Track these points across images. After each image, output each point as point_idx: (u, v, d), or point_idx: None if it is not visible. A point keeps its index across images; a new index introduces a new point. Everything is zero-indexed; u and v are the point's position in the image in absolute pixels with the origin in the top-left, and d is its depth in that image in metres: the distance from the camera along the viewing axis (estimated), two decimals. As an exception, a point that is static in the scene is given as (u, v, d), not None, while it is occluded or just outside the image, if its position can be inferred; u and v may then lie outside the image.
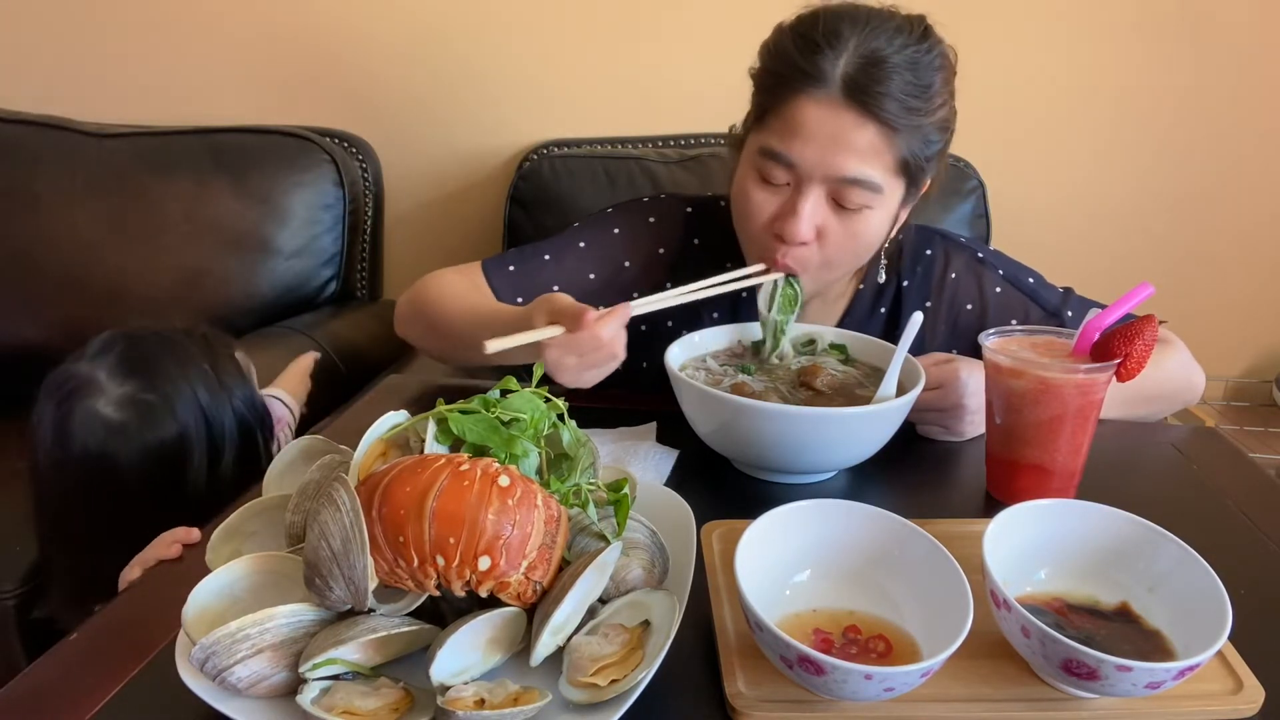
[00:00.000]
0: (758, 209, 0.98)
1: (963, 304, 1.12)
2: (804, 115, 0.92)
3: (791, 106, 0.93)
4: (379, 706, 0.54)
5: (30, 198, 1.67)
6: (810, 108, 0.92)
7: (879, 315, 1.13)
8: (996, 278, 1.12)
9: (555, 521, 0.59)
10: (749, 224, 1.00)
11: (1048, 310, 1.10)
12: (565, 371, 0.86)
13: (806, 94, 0.92)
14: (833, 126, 0.91)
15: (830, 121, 0.91)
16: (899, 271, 1.12)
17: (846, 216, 0.96)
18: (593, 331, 0.83)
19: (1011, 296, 1.11)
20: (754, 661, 0.61)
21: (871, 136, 0.91)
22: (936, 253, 1.13)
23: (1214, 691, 0.61)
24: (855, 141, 0.91)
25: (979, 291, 1.11)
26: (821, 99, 0.91)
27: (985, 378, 0.87)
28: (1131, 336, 0.79)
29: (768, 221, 0.98)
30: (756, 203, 0.98)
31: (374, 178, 1.84)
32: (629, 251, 1.13)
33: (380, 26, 1.83)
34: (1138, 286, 0.83)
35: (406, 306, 1.14)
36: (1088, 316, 0.84)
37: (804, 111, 0.92)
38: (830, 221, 0.96)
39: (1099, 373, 0.81)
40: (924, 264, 1.12)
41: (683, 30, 1.76)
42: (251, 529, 0.66)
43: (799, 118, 0.92)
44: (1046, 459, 0.84)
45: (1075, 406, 0.82)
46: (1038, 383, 0.81)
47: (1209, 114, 1.82)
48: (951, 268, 1.12)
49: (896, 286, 1.12)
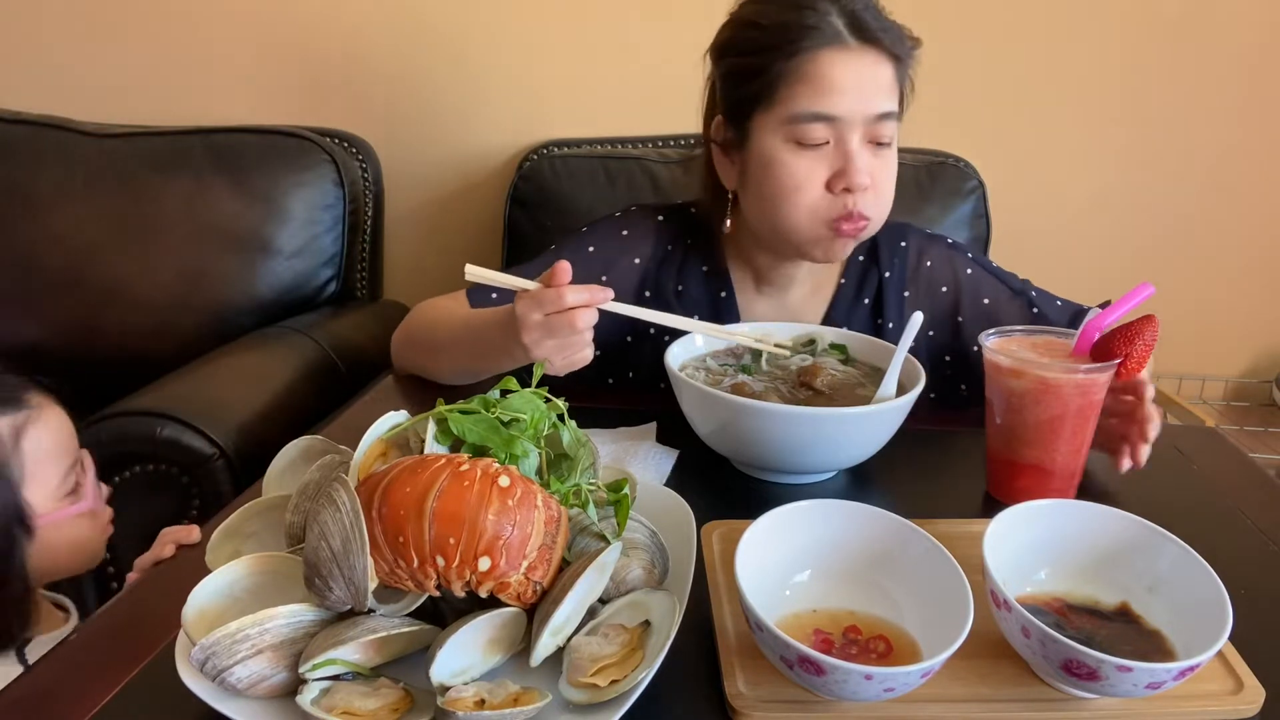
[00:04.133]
0: (809, 175, 0.99)
1: (938, 287, 1.15)
2: (832, 69, 0.96)
3: (813, 65, 0.96)
4: (379, 707, 0.54)
5: (30, 198, 1.67)
6: (836, 59, 0.96)
7: (863, 305, 1.16)
8: (967, 260, 1.17)
9: (555, 522, 0.59)
10: (803, 193, 1.00)
11: (1014, 289, 1.14)
12: (530, 332, 0.87)
13: (825, 48, 0.96)
14: (861, 70, 0.96)
15: (857, 66, 0.96)
16: (878, 263, 1.16)
17: (882, 154, 1.00)
18: (559, 291, 0.85)
19: (981, 277, 1.15)
20: (754, 661, 0.61)
21: (887, 69, 0.98)
22: (911, 244, 1.17)
23: (1214, 691, 0.61)
24: (881, 78, 0.97)
25: (953, 274, 1.15)
26: (840, 48, 0.96)
27: (985, 378, 0.87)
28: (1131, 337, 0.79)
29: (825, 184, 0.99)
30: (805, 171, 0.99)
31: (374, 178, 1.84)
32: (605, 266, 1.15)
33: (380, 27, 1.83)
34: (1138, 287, 0.84)
35: (400, 336, 1.16)
36: (1088, 316, 0.84)
37: (831, 66, 0.96)
38: (873, 163, 1.00)
39: (1099, 373, 0.81)
40: (900, 255, 1.16)
41: (683, 30, 1.76)
42: (251, 529, 0.66)
43: (828, 73, 0.96)
44: (1046, 459, 0.84)
45: (1075, 406, 0.82)
46: (1038, 383, 0.81)
47: (1209, 114, 1.82)
48: (926, 256, 1.16)
49: (878, 278, 1.16)
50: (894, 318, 1.14)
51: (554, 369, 0.90)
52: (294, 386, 1.41)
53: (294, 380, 1.43)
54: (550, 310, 0.86)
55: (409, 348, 1.15)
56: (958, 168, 1.69)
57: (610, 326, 1.14)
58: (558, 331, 0.87)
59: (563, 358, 0.89)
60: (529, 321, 0.87)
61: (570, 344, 0.89)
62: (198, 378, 1.38)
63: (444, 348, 1.08)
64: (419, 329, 1.13)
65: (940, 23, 1.74)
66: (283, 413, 1.34)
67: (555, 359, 0.89)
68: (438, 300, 1.15)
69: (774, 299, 1.15)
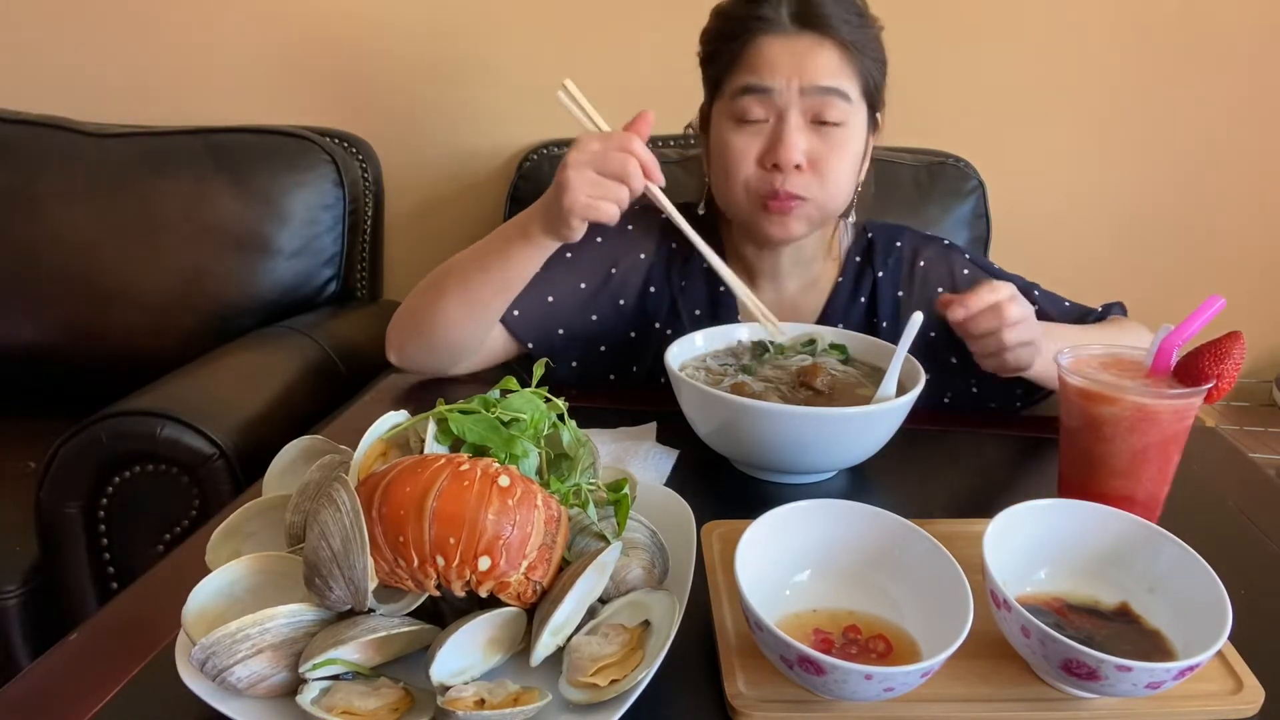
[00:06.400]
0: (743, 150, 1.03)
1: (934, 288, 1.16)
2: (768, 48, 1.01)
3: (753, 47, 1.01)
4: (379, 706, 0.54)
5: (30, 198, 1.67)
6: (774, 42, 1.00)
7: (859, 304, 1.17)
8: (964, 261, 1.17)
9: (555, 521, 0.59)
10: (738, 169, 1.04)
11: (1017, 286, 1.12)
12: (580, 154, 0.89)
13: (764, 33, 1.01)
14: (796, 49, 1.00)
15: (792, 45, 1.00)
16: (873, 264, 1.17)
17: (828, 134, 1.02)
18: (630, 135, 0.89)
19: (980, 276, 1.15)
20: (754, 661, 0.61)
21: (831, 52, 1.00)
22: (905, 245, 1.18)
23: (1214, 691, 0.61)
24: (819, 56, 1.00)
25: (949, 274, 1.16)
26: (778, 33, 1.00)
27: (1063, 404, 0.82)
28: (1221, 355, 0.74)
29: (757, 159, 1.02)
30: (741, 145, 1.03)
31: (374, 178, 1.84)
32: (613, 258, 1.15)
33: (380, 27, 1.83)
34: (1208, 300, 0.77)
35: (398, 320, 1.10)
36: (1159, 334, 0.78)
37: (768, 46, 1.01)
38: (814, 143, 1.02)
39: (1194, 397, 0.76)
40: (895, 255, 1.17)
41: (683, 30, 1.76)
42: (251, 529, 0.66)
43: (764, 52, 1.01)
44: (1134, 488, 0.79)
45: (1171, 432, 0.77)
46: (1135, 410, 0.75)
47: (1209, 114, 1.82)
48: (921, 256, 1.17)
49: (873, 278, 1.17)
50: (888, 317, 1.15)
51: (573, 206, 0.89)
52: (294, 386, 1.42)
53: (294, 380, 1.43)
54: (613, 145, 0.88)
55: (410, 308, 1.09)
56: (958, 168, 1.69)
57: (615, 321, 1.15)
58: (607, 165, 0.88)
59: (590, 195, 0.89)
60: (584, 147, 0.88)
61: (607, 188, 0.89)
62: (198, 378, 1.38)
63: (451, 272, 1.05)
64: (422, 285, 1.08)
65: (940, 23, 1.74)
66: (283, 413, 1.34)
67: (583, 194, 0.89)
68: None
69: (770, 294, 1.16)
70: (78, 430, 1.20)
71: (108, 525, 1.24)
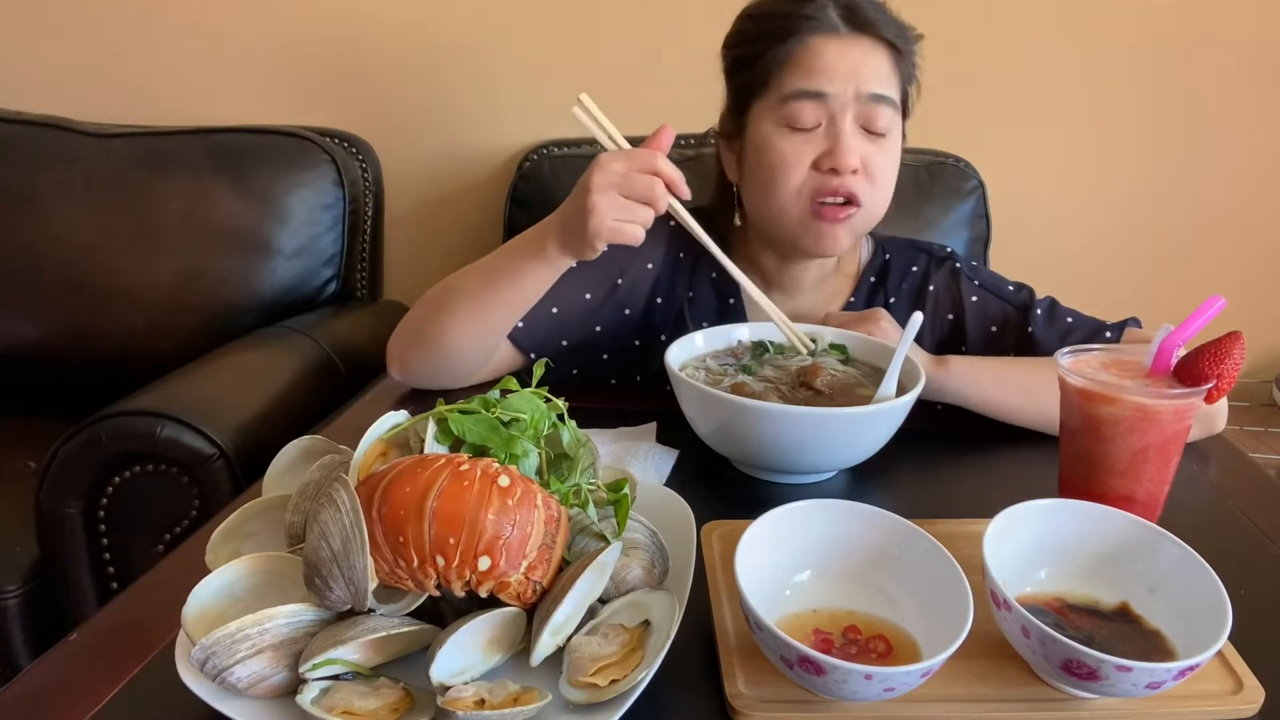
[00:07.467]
0: (796, 156, 1.00)
1: (944, 313, 1.15)
2: (824, 50, 0.98)
3: (805, 48, 0.99)
4: (379, 706, 0.54)
5: (30, 198, 1.67)
6: (828, 43, 0.99)
7: None
8: (972, 287, 1.15)
9: (555, 522, 0.59)
10: (788, 175, 1.01)
11: (1017, 307, 1.13)
12: (604, 175, 0.85)
13: (817, 34, 0.98)
14: (853, 53, 0.99)
15: (849, 50, 0.99)
16: (886, 287, 1.16)
17: (878, 142, 1.01)
18: (653, 153, 0.86)
19: (987, 300, 1.14)
20: (754, 661, 0.61)
21: (883, 59, 1.00)
22: (920, 268, 1.17)
23: (1214, 691, 0.61)
24: (874, 63, 0.99)
25: (957, 302, 1.14)
26: (830, 34, 0.99)
27: (1063, 405, 0.82)
28: (1221, 356, 0.74)
29: (811, 165, 1.00)
30: (794, 152, 1.00)
31: (374, 178, 1.84)
32: (620, 269, 1.13)
33: (380, 27, 1.83)
34: (1208, 300, 0.77)
35: (401, 336, 1.07)
36: (1159, 334, 0.78)
37: (823, 48, 0.99)
38: (868, 148, 1.01)
39: (1194, 397, 0.76)
40: (910, 280, 1.16)
41: (683, 30, 1.76)
42: (251, 529, 0.66)
43: (819, 53, 0.98)
44: (1134, 488, 0.79)
45: (1172, 432, 0.76)
46: (1135, 410, 0.75)
47: (1209, 114, 1.82)
48: (931, 280, 1.16)
49: (884, 303, 1.15)
50: None
51: (599, 231, 0.86)
52: (294, 386, 1.42)
53: (294, 380, 1.43)
54: (637, 166, 0.85)
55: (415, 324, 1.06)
56: (958, 168, 1.69)
57: (620, 331, 1.14)
58: (634, 188, 0.85)
59: (616, 219, 0.85)
60: (608, 168, 0.84)
61: (633, 211, 0.86)
62: (198, 378, 1.38)
63: (458, 289, 1.02)
64: (427, 299, 1.06)
65: (941, 23, 1.73)
66: (283, 413, 1.34)
67: (609, 218, 0.85)
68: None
69: (782, 306, 1.14)
70: (78, 430, 1.20)
71: (108, 525, 1.24)
